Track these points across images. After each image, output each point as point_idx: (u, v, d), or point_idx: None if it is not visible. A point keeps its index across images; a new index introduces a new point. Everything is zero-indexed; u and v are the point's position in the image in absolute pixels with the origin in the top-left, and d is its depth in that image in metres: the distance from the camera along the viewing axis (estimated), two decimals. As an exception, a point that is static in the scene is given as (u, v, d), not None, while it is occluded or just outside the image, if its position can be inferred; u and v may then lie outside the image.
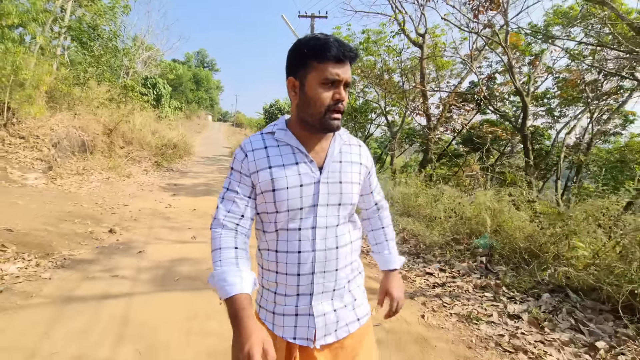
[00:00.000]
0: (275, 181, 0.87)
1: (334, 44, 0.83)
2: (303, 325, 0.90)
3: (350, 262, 0.97)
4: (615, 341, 2.12)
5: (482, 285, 2.96)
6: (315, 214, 0.89)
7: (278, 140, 0.92)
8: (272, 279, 0.94)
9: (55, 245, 3.64)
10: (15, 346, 2.01)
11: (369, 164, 1.03)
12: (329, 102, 0.85)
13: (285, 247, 0.90)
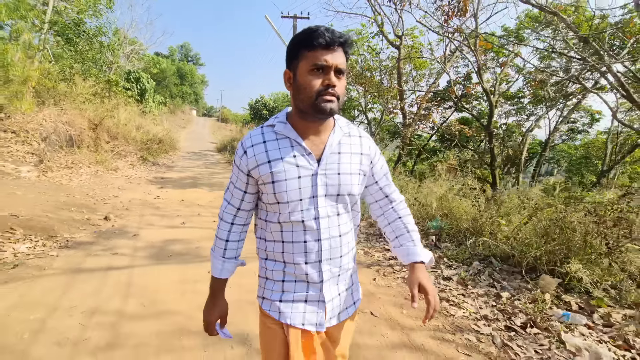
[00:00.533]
0: (274, 174, 0.90)
1: (322, 31, 0.85)
2: (312, 311, 0.94)
3: (352, 248, 1.02)
4: (516, 292, 2.76)
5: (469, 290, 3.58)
6: (316, 205, 0.91)
7: (277, 134, 0.94)
8: (279, 269, 0.97)
9: (57, 229, 4.05)
10: (39, 303, 2.47)
11: (372, 154, 1.02)
12: (318, 87, 0.85)
13: (290, 237, 0.93)
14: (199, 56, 51.74)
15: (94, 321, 2.28)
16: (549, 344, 2.14)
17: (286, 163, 0.90)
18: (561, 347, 2.12)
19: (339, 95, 0.87)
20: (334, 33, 0.85)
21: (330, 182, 0.92)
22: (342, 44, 0.87)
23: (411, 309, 2.56)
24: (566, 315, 2.41)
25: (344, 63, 0.87)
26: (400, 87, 10.89)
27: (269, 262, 0.99)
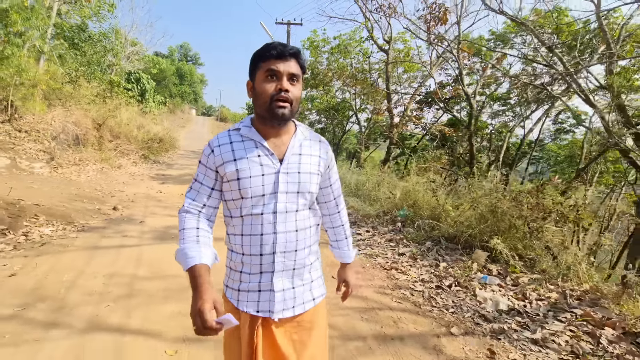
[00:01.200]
0: (240, 171, 0.97)
1: (275, 44, 0.96)
2: (265, 300, 1.00)
3: (310, 245, 1.06)
4: (453, 263, 3.41)
5: (390, 239, 4.23)
6: (276, 200, 0.98)
7: (243, 136, 1.02)
8: (238, 260, 1.04)
9: (74, 217, 4.68)
10: (68, 269, 3.10)
11: (328, 158, 1.11)
12: (272, 92, 0.94)
13: (249, 230, 1.00)
14: (198, 56, 52.22)
15: (114, 281, 2.91)
16: (465, 297, 2.79)
17: (251, 162, 0.98)
18: (473, 299, 2.76)
19: (292, 99, 0.96)
20: (285, 46, 0.96)
21: (291, 179, 1.00)
22: (293, 55, 0.97)
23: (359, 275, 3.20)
24: (485, 278, 3.06)
25: (297, 70, 0.97)
26: (388, 89, 11.52)
27: (233, 253, 1.06)
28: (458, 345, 2.19)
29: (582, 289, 2.81)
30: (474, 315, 2.56)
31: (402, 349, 2.10)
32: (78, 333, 2.18)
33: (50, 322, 2.28)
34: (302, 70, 1.00)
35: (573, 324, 2.39)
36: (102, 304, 2.55)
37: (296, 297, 1.04)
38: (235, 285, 1.04)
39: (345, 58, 14.58)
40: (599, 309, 2.53)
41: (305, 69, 1.02)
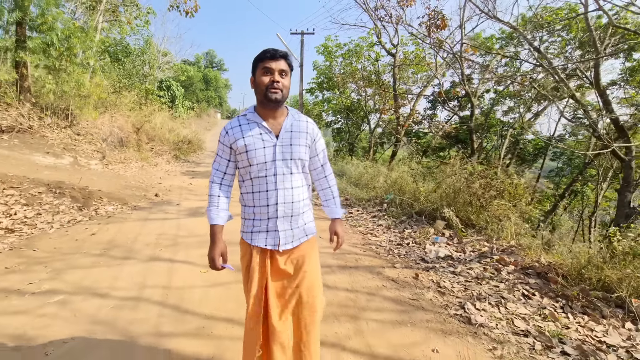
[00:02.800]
0: (247, 145, 1.34)
1: (269, 49, 1.33)
2: (271, 237, 1.38)
3: (302, 199, 1.42)
4: (416, 230, 4.33)
5: (375, 215, 5.18)
6: (275, 165, 1.34)
7: (248, 120, 1.38)
8: (250, 211, 1.41)
9: (127, 200, 5.97)
10: (129, 232, 4.30)
11: (314, 133, 1.46)
12: (267, 82, 1.30)
13: (258, 188, 1.37)
14: (223, 62, 54.64)
15: (162, 237, 4.08)
16: (416, 250, 3.73)
17: (255, 138, 1.33)
18: (422, 251, 3.69)
19: (282, 87, 1.31)
20: (276, 50, 1.31)
21: (285, 150, 1.35)
22: (283, 56, 1.32)
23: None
24: (437, 238, 3.96)
25: (286, 67, 1.32)
26: (395, 90, 12.35)
27: (246, 207, 1.43)
28: (395, 272, 3.14)
29: (508, 245, 3.66)
30: (417, 259, 3.49)
31: (355, 272, 3.09)
32: (143, 262, 3.33)
33: (124, 257, 3.45)
34: (290, 67, 1.37)
35: (488, 264, 3.27)
36: (156, 248, 3.71)
37: (294, 235, 1.41)
38: (249, 229, 1.42)
39: (357, 62, 15.51)
40: (512, 256, 3.39)
41: (292, 66, 1.38)
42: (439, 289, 2.81)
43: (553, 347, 2.04)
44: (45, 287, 2.69)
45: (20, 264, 3.13)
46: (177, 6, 10.19)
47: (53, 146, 7.96)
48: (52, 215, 4.62)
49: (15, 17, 7.57)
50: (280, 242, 1.38)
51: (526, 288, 2.78)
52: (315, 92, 18.52)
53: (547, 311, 2.42)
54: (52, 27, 7.98)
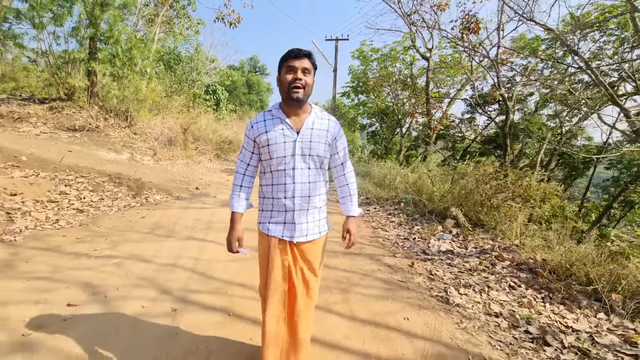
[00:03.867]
0: (269, 140, 1.43)
1: (293, 49, 1.40)
2: (288, 229, 1.48)
3: (319, 194, 1.50)
4: (425, 227, 4.57)
5: (390, 213, 5.47)
6: (294, 160, 1.43)
7: (273, 116, 1.46)
8: (269, 203, 1.51)
9: (172, 191, 6.82)
10: (172, 216, 5.03)
11: (334, 132, 1.51)
12: (290, 79, 1.37)
13: (277, 181, 1.46)
14: (266, 67, 56.84)
15: (198, 222, 4.74)
16: (421, 244, 4.00)
17: (277, 133, 1.42)
18: (426, 245, 3.95)
19: (305, 85, 1.38)
20: (300, 49, 1.39)
21: (305, 146, 1.42)
22: (306, 55, 1.39)
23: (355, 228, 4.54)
24: (443, 235, 4.19)
25: (309, 65, 1.39)
26: (427, 94, 12.36)
27: (265, 199, 1.53)
28: (394, 260, 3.46)
29: (511, 243, 3.80)
30: (418, 251, 3.77)
31: (356, 258, 3.46)
32: (180, 240, 3.97)
33: (166, 235, 4.12)
34: (314, 66, 1.43)
35: (485, 259, 3.47)
36: (192, 231, 4.36)
37: (309, 229, 1.49)
38: (266, 220, 1.52)
39: (392, 65, 15.66)
40: (511, 253, 3.54)
41: (316, 65, 1.45)
42: (430, 276, 3.10)
43: (518, 326, 2.27)
44: (106, 253, 3.39)
45: (87, 236, 3.91)
46: (222, 18, 11.16)
47: (115, 143, 9.18)
48: (112, 201, 5.51)
49: (89, 33, 8.89)
50: (296, 234, 1.47)
51: (514, 280, 2.97)
52: (350, 95, 18.91)
53: (526, 300, 2.63)
54: (117, 40, 9.23)
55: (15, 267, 2.87)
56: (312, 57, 1.42)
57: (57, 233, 3.89)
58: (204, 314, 2.28)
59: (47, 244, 3.49)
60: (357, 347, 1.97)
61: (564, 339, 2.11)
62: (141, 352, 1.86)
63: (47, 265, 2.97)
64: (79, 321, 2.13)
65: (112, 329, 2.07)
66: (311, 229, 1.51)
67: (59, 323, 2.09)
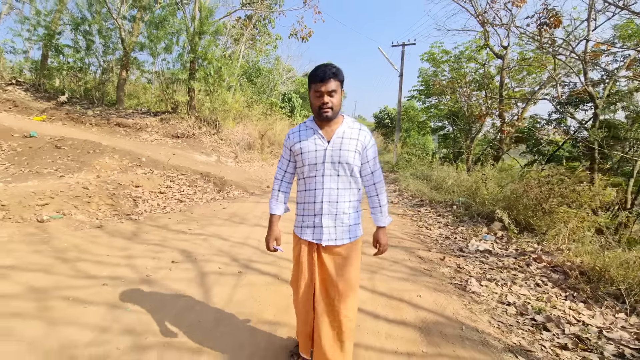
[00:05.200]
0: (302, 148, 1.56)
1: (319, 72, 1.46)
2: (317, 233, 1.58)
3: (349, 200, 1.58)
4: (471, 228, 4.69)
5: (440, 214, 5.66)
6: (324, 167, 1.54)
7: (307, 127, 1.60)
8: (301, 207, 1.64)
9: (248, 188, 8.01)
10: (246, 208, 6.06)
11: (365, 141, 1.58)
12: (318, 105, 1.49)
13: (309, 186, 1.58)
14: (339, 72, 58.51)
15: (265, 214, 5.65)
16: (460, 243, 4.21)
17: (309, 142, 1.56)
18: (464, 243, 4.16)
19: (333, 106, 1.49)
20: (325, 72, 1.45)
21: (335, 154, 1.53)
22: (332, 76, 1.46)
23: (398, 223, 4.92)
24: (485, 236, 4.31)
25: (335, 86, 1.47)
26: (501, 95, 11.68)
27: (299, 204, 1.66)
28: (427, 254, 3.79)
29: (557, 247, 3.76)
30: (455, 249, 4.00)
31: (392, 249, 3.88)
32: (250, 226, 4.89)
33: (240, 222, 5.10)
34: (341, 82, 1.51)
35: (522, 260, 3.57)
36: (260, 220, 5.27)
37: (337, 234, 1.57)
38: (299, 224, 1.65)
39: (467, 65, 15.08)
40: (551, 256, 3.56)
41: (342, 80, 1.52)
42: (457, 269, 3.37)
43: (526, 314, 2.49)
44: (196, 232, 4.46)
45: (184, 219, 5.09)
46: (296, 34, 12.32)
47: (206, 148, 10.98)
48: (202, 194, 6.83)
49: (190, 57, 10.84)
50: (324, 237, 1.56)
51: (543, 279, 3.08)
52: (421, 98, 18.65)
53: (546, 296, 2.77)
54: (210, 61, 11.04)
55: (139, 236, 4.06)
56: (338, 76, 1.48)
57: (164, 216, 5.15)
58: (260, 277, 3.03)
59: (158, 223, 4.71)
60: (370, 310, 2.48)
61: (567, 328, 2.29)
62: (217, 293, 2.68)
63: (158, 236, 4.11)
64: (178, 271, 3.07)
65: (198, 277, 2.96)
66: (339, 233, 1.57)
67: (166, 271, 3.06)
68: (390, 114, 25.94)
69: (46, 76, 11.75)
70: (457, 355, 1.97)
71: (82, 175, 6.00)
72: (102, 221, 4.51)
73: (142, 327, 2.14)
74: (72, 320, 2.16)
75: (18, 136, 7.14)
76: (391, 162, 16.81)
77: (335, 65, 1.49)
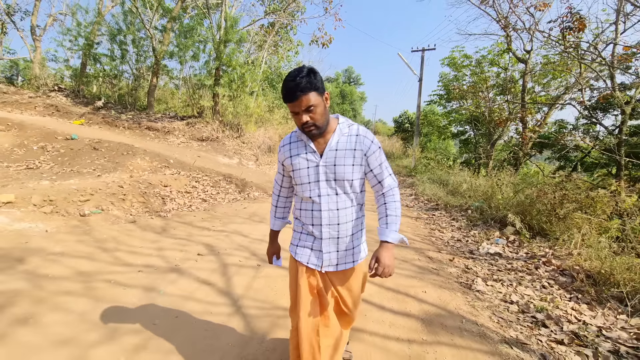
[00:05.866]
0: (293, 165, 1.40)
1: (286, 88, 1.24)
2: (315, 257, 1.42)
3: (351, 220, 1.41)
4: (484, 232, 4.77)
5: (454, 218, 5.74)
6: (319, 186, 1.36)
7: (298, 137, 1.41)
8: (299, 225, 1.50)
9: (267, 190, 8.34)
10: (264, 208, 6.37)
11: (365, 148, 1.36)
12: (299, 124, 1.30)
13: (305, 207, 1.43)
14: (360, 77, 58.63)
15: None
16: (472, 245, 4.31)
17: (300, 158, 1.38)
18: (476, 246, 4.26)
19: (315, 122, 1.27)
20: (293, 90, 1.21)
21: (329, 171, 1.34)
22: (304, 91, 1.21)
23: (416, 226, 5.05)
24: (497, 240, 4.38)
25: (309, 102, 1.23)
26: (523, 99, 11.51)
27: (296, 220, 1.53)
28: (437, 255, 3.92)
29: (569, 252, 3.80)
30: (465, 251, 4.11)
31: (403, 249, 4.04)
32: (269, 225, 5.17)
33: (259, 221, 5.40)
34: (318, 89, 1.25)
35: (532, 263, 3.64)
36: (278, 219, 5.55)
37: (339, 258, 1.42)
38: (295, 242, 1.49)
39: (489, 70, 14.93)
40: (559, 260, 3.61)
41: (321, 89, 1.27)
42: (465, 269, 3.50)
43: (527, 312, 2.61)
44: (219, 229, 4.78)
45: (208, 217, 5.44)
46: (316, 41, 12.65)
47: (228, 151, 11.46)
48: (225, 194, 7.21)
49: (216, 64, 11.39)
50: (324, 264, 1.41)
51: (550, 282, 3.16)
52: (442, 102, 18.55)
53: (550, 297, 2.87)
54: (234, 67, 11.56)
55: (168, 231, 4.43)
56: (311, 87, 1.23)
57: (190, 214, 5.54)
58: (276, 270, 3.29)
59: (184, 220, 5.09)
60: (377, 302, 2.67)
61: (566, 326, 2.40)
62: (237, 282, 2.96)
63: (185, 232, 4.46)
64: (203, 263, 3.38)
65: (221, 268, 3.25)
66: (342, 257, 1.43)
67: (192, 262, 3.38)
68: (410, 118, 25.79)
69: (84, 83, 12.67)
70: (455, 344, 2.13)
71: (117, 175, 6.51)
72: (135, 217, 4.93)
73: (174, 307, 2.44)
74: (114, 299, 2.49)
75: (61, 138, 7.82)
76: (409, 166, 16.78)
77: (304, 70, 1.24)
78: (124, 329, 2.14)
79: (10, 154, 7.04)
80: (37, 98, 11.76)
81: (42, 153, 7.24)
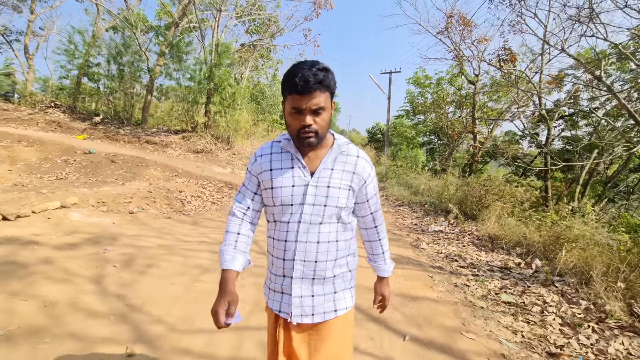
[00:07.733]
0: (273, 181, 1.08)
1: (298, 79, 0.94)
2: (285, 302, 1.09)
3: (335, 259, 1.10)
4: (432, 218, 6.54)
5: (414, 210, 7.50)
6: (302, 211, 1.05)
7: (282, 148, 1.11)
8: (270, 260, 1.17)
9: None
10: (265, 208, 7.85)
11: (365, 174, 1.12)
12: (297, 127, 0.99)
13: (277, 235, 1.12)
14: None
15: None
16: (423, 226, 6.05)
17: (284, 173, 1.07)
18: (426, 227, 6.00)
19: (317, 129, 0.99)
20: (307, 80, 0.93)
21: (320, 193, 1.05)
22: (318, 85, 0.95)
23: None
24: (442, 222, 6.15)
25: (321, 102, 0.97)
26: (474, 115, 13.77)
27: (268, 254, 1.19)
28: (399, 232, 5.60)
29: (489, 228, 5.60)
30: (418, 230, 5.82)
31: (375, 229, 5.69)
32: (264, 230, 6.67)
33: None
34: (331, 92, 1.02)
35: (459, 233, 5.40)
36: (279, 215, 7.05)
37: (315, 306, 1.09)
38: (268, 283, 1.18)
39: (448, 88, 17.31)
40: (477, 232, 5.40)
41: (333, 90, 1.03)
42: (417, 240, 5.19)
43: (449, 256, 4.31)
44: (236, 222, 6.21)
45: (220, 216, 6.83)
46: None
47: (221, 161, 12.79)
48: (228, 198, 8.59)
49: (209, 86, 12.79)
50: (294, 312, 1.09)
51: (468, 243, 4.91)
52: (409, 115, 20.88)
53: (465, 249, 4.60)
54: (225, 87, 12.99)
55: (200, 223, 5.82)
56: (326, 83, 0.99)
57: (207, 213, 6.91)
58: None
59: (206, 217, 6.48)
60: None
61: (467, 260, 4.12)
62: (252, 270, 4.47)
63: (213, 223, 5.87)
64: (238, 240, 4.85)
65: (254, 245, 4.74)
66: (319, 305, 1.11)
67: (217, 246, 4.83)
68: (382, 129, 28.08)
69: (79, 99, 13.59)
70: (404, 268, 3.77)
71: (137, 183, 7.75)
72: (168, 214, 6.26)
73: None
74: (194, 256, 3.92)
75: (80, 152, 8.90)
76: (381, 173, 18.73)
77: (321, 65, 1.01)
78: (207, 267, 3.59)
79: (40, 167, 8.07)
80: (37, 114, 12.56)
81: (66, 165, 8.30)
